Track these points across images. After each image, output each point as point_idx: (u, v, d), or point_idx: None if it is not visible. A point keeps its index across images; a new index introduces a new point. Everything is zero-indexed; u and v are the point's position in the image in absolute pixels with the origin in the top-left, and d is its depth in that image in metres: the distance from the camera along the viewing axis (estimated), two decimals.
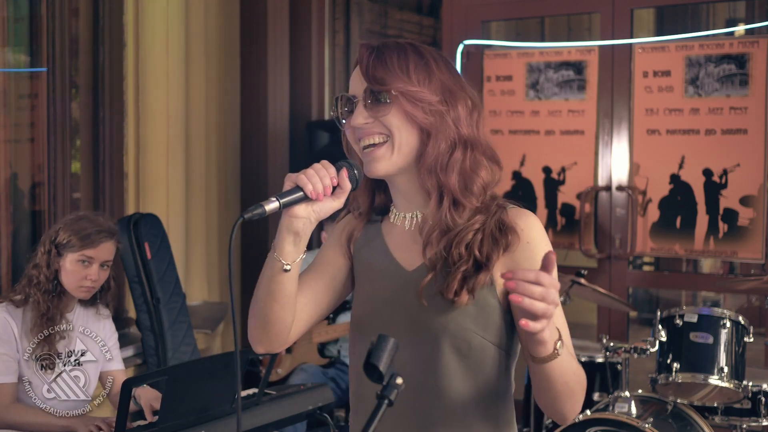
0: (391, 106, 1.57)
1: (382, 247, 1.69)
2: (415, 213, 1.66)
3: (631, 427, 3.16)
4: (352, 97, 1.62)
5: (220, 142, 5.02)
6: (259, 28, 5.12)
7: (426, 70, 1.59)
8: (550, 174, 4.78)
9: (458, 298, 1.56)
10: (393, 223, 1.70)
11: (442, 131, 1.58)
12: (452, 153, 1.59)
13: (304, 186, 1.51)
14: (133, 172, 4.49)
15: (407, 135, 1.58)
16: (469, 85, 1.66)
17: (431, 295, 1.59)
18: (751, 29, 5.53)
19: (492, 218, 1.60)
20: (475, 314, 1.58)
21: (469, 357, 1.59)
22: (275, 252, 1.57)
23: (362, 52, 1.61)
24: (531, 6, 5.04)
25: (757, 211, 4.29)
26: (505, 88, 4.86)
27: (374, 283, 1.69)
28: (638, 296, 7.25)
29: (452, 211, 1.59)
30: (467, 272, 1.57)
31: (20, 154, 4.06)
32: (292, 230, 1.55)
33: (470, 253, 1.58)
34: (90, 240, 2.79)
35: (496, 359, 1.62)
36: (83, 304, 2.92)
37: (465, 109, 1.61)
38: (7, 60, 3.98)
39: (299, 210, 1.53)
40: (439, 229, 1.60)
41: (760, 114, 4.27)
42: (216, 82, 4.96)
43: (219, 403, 2.73)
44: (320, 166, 1.54)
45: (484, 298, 1.59)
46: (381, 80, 1.57)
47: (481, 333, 1.59)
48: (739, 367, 3.34)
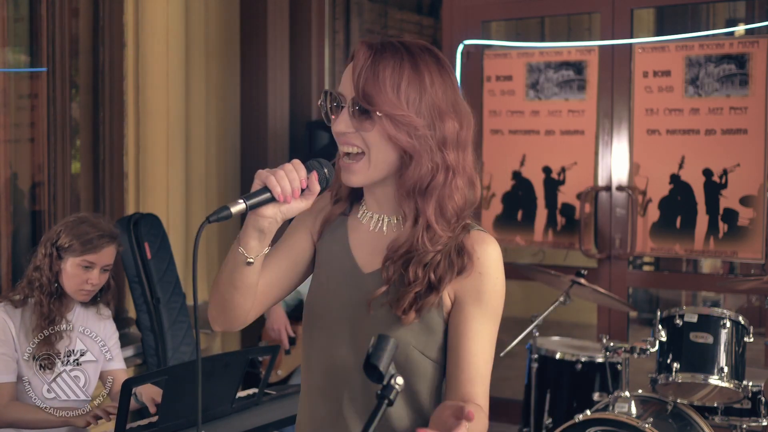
0: (374, 123, 1.56)
1: (344, 242, 1.71)
2: (383, 216, 1.68)
3: (631, 427, 3.16)
4: (341, 98, 1.60)
5: (220, 142, 5.02)
6: (259, 28, 5.12)
7: (418, 89, 1.56)
8: (550, 174, 4.78)
9: (405, 316, 1.59)
10: (359, 220, 1.71)
11: (425, 155, 1.57)
12: (433, 177, 1.59)
13: (272, 188, 1.51)
14: (133, 172, 4.49)
15: (385, 154, 1.58)
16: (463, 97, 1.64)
17: (379, 305, 1.62)
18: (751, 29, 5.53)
19: (454, 240, 1.62)
20: (417, 330, 1.61)
21: (404, 369, 1.59)
22: (239, 245, 1.57)
23: (359, 53, 1.59)
24: (531, 6, 5.04)
25: (757, 211, 4.29)
26: (505, 88, 4.86)
27: (330, 276, 1.71)
28: (638, 296, 7.25)
29: (425, 237, 1.60)
30: (419, 293, 1.60)
31: (20, 154, 4.06)
32: (257, 228, 1.55)
33: (426, 275, 1.60)
34: (92, 245, 2.79)
35: (431, 374, 1.65)
36: (83, 304, 2.92)
37: (452, 130, 1.59)
38: (7, 60, 3.98)
39: (266, 210, 1.53)
40: (406, 249, 1.61)
41: (760, 114, 4.27)
42: (216, 82, 4.96)
43: (219, 403, 2.73)
44: (291, 167, 1.53)
45: (430, 318, 1.62)
46: (369, 98, 1.55)
47: (420, 348, 1.62)
48: (739, 367, 3.34)
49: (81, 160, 4.31)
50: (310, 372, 1.72)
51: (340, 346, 1.66)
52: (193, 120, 4.73)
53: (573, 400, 3.87)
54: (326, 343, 1.68)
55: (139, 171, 4.50)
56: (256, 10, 5.12)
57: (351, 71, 1.58)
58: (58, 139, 4.03)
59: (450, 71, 1.63)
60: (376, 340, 1.41)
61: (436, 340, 1.63)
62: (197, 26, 4.77)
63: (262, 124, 5.14)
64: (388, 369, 1.40)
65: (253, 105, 5.15)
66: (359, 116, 1.57)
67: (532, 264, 5.25)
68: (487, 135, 4.90)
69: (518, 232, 4.82)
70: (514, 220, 4.84)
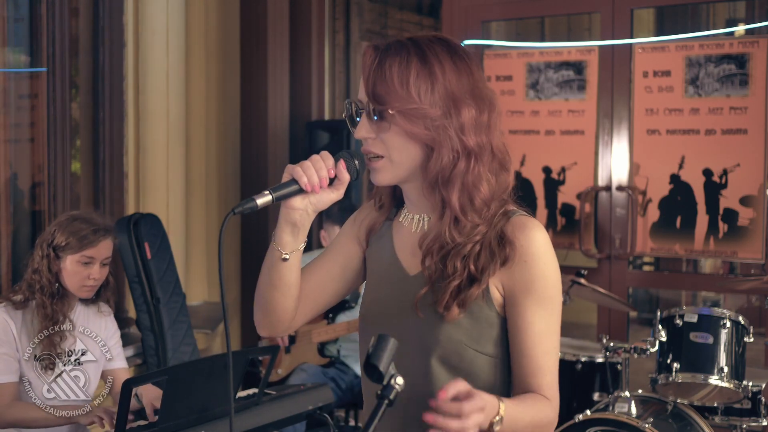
0: (390, 123, 1.55)
1: (389, 246, 1.69)
2: (423, 216, 1.65)
3: (631, 427, 3.15)
4: (359, 103, 1.59)
5: (220, 142, 5.02)
6: (259, 28, 5.12)
7: (428, 79, 1.54)
8: (550, 174, 4.78)
9: (448, 313, 1.55)
10: (401, 223, 1.69)
11: (445, 144, 1.54)
12: (455, 165, 1.55)
13: (299, 178, 1.52)
14: (133, 172, 4.49)
15: (407, 153, 1.56)
16: (482, 78, 1.61)
17: (426, 306, 1.59)
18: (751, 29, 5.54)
19: (493, 229, 1.58)
20: (468, 327, 1.57)
21: (459, 369, 1.57)
22: (274, 241, 1.58)
23: (365, 58, 1.59)
24: (531, 6, 5.04)
25: (757, 211, 4.29)
26: (505, 88, 4.86)
27: (378, 282, 1.70)
28: (638, 296, 7.25)
29: (452, 229, 1.57)
30: (460, 286, 1.56)
31: (20, 154, 4.05)
32: (290, 221, 1.56)
33: (465, 267, 1.56)
34: (88, 240, 2.80)
35: (491, 370, 1.60)
36: (84, 302, 2.92)
37: (470, 116, 1.56)
38: (7, 60, 3.98)
39: (296, 202, 1.54)
40: (439, 243, 1.59)
41: (760, 114, 4.27)
42: (216, 82, 4.96)
43: (219, 403, 2.73)
44: (318, 157, 1.54)
45: (479, 311, 1.57)
46: (380, 98, 1.54)
47: (474, 346, 1.58)
48: (739, 367, 3.34)
49: (81, 160, 4.31)
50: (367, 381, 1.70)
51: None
52: (193, 120, 4.73)
53: (573, 400, 3.87)
54: None
55: (139, 171, 4.50)
56: (256, 10, 5.12)
57: (363, 76, 1.59)
58: (58, 139, 4.02)
59: (466, 57, 1.59)
60: (376, 340, 1.41)
61: (491, 335, 1.58)
62: (197, 26, 4.77)
63: (262, 124, 5.14)
64: (388, 369, 1.40)
65: (253, 105, 5.15)
66: (377, 120, 1.56)
67: None
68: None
69: None
70: None
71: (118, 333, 3.04)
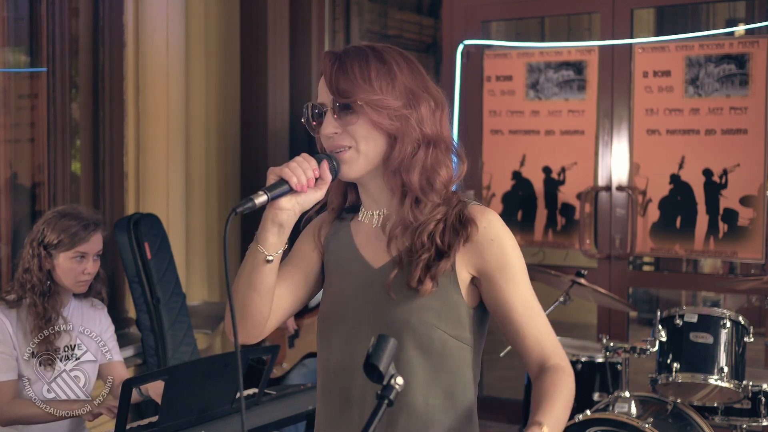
0: (357, 116, 1.62)
1: (350, 245, 1.74)
2: (381, 210, 1.71)
3: (631, 427, 3.15)
4: (321, 106, 1.66)
5: (220, 142, 5.02)
6: (259, 28, 5.12)
7: (388, 76, 1.63)
8: (550, 174, 4.78)
9: (422, 286, 1.61)
10: (361, 222, 1.75)
11: (408, 134, 1.63)
12: (416, 153, 1.64)
13: (289, 179, 1.57)
14: (133, 172, 4.49)
15: (373, 143, 1.64)
16: (432, 82, 1.70)
17: (399, 287, 1.64)
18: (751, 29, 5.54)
19: (453, 210, 1.66)
20: (438, 309, 1.64)
21: (430, 352, 1.63)
22: (258, 243, 1.61)
23: (325, 62, 1.66)
24: (531, 6, 5.04)
25: (757, 211, 4.29)
26: (505, 88, 4.86)
27: (341, 279, 1.74)
28: (638, 296, 7.25)
29: (413, 208, 1.65)
30: (430, 260, 1.63)
31: (20, 154, 4.06)
32: (277, 222, 1.59)
33: (432, 242, 1.63)
34: (80, 237, 2.81)
35: (458, 354, 1.67)
36: (77, 297, 2.93)
37: (428, 109, 1.65)
38: (7, 60, 3.98)
39: (284, 202, 1.58)
40: (402, 225, 1.66)
41: (760, 114, 4.27)
42: (216, 82, 4.96)
43: (219, 403, 2.73)
44: (302, 159, 1.60)
45: (447, 294, 1.64)
46: (345, 92, 1.61)
47: (443, 328, 1.64)
48: (739, 367, 3.34)
49: (81, 160, 4.31)
50: (328, 377, 1.73)
51: (364, 343, 1.64)
52: (193, 120, 4.73)
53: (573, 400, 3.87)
54: (346, 345, 1.70)
55: (139, 171, 4.49)
56: (256, 10, 5.12)
57: (324, 80, 1.65)
58: (58, 139, 4.02)
59: (417, 63, 1.70)
60: (376, 340, 1.42)
61: (458, 318, 1.65)
62: (197, 26, 4.77)
63: (262, 124, 5.14)
64: (388, 369, 1.40)
65: (253, 105, 5.15)
66: (342, 114, 1.63)
67: (532, 264, 5.25)
68: (487, 135, 4.90)
69: (518, 232, 4.82)
70: (514, 220, 4.84)
71: (113, 326, 3.04)
